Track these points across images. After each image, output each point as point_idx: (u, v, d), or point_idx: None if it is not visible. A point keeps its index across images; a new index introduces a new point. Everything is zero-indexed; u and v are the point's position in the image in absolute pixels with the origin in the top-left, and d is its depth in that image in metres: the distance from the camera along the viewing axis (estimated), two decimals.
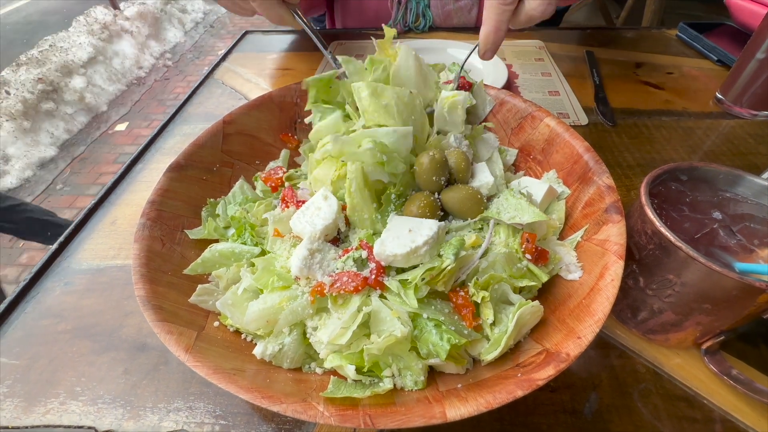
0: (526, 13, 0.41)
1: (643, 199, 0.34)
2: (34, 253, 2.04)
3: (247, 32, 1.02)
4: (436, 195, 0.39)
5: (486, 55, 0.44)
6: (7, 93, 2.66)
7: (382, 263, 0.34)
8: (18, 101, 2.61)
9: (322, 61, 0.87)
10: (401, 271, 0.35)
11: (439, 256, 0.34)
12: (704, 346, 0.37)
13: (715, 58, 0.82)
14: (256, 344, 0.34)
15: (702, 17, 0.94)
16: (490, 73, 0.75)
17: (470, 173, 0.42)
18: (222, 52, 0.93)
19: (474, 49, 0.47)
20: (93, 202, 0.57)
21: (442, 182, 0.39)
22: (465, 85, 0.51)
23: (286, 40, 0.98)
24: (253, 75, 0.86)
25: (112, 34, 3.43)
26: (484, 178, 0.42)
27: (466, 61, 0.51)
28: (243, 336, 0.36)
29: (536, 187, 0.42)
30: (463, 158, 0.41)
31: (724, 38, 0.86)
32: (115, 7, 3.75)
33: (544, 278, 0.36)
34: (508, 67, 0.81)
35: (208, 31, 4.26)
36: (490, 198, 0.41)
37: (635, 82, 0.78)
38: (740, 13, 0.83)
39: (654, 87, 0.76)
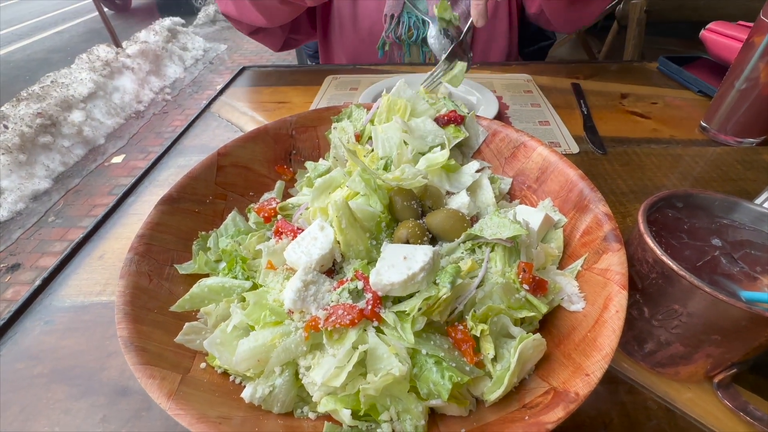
0: None
1: (642, 227, 0.34)
2: (20, 287, 1.97)
3: (244, 68, 1.05)
4: (422, 220, 0.40)
5: (479, 23, 0.58)
6: (5, 127, 2.68)
7: (379, 293, 0.33)
8: (15, 135, 2.63)
9: (317, 94, 0.89)
10: (397, 301, 0.33)
11: (435, 284, 0.33)
12: (716, 380, 0.35)
13: (696, 89, 0.86)
14: (245, 387, 0.32)
15: (679, 51, 0.99)
16: (481, 104, 0.77)
17: (443, 198, 0.44)
18: (220, 86, 0.95)
19: (469, 24, 0.60)
20: (81, 235, 0.55)
21: (414, 206, 0.41)
22: (457, 118, 0.52)
23: (282, 74, 1.01)
24: (249, 108, 0.87)
25: (114, 71, 3.53)
26: (460, 199, 0.43)
27: (465, 34, 0.63)
28: (231, 378, 0.33)
29: (532, 215, 0.41)
30: (435, 189, 0.44)
31: (703, 70, 0.90)
32: (118, 45, 3.89)
33: (544, 309, 0.34)
34: (499, 98, 0.84)
35: (207, 67, 4.40)
36: (476, 220, 0.42)
37: (622, 112, 0.80)
38: (715, 48, 0.87)
39: (640, 116, 0.79)
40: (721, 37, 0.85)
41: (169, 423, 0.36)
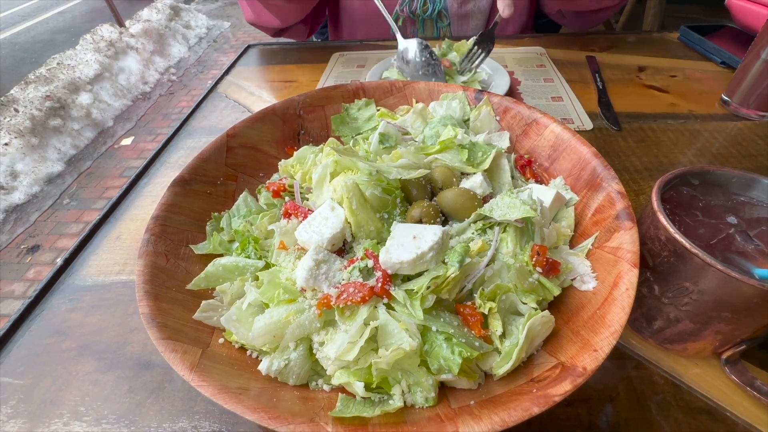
0: None
1: (655, 205, 0.33)
2: (41, 268, 2.05)
3: (249, 46, 1.03)
4: (435, 200, 0.40)
5: (505, 12, 0.59)
6: (16, 111, 2.71)
7: (389, 271, 0.33)
8: (26, 118, 2.66)
9: (324, 72, 0.87)
10: (407, 279, 0.34)
11: (444, 263, 0.33)
12: (724, 356, 0.36)
13: (719, 60, 0.82)
14: (261, 360, 0.34)
15: (702, 20, 0.93)
16: (493, 80, 0.75)
17: (453, 180, 0.43)
18: (225, 66, 0.94)
19: (496, 20, 0.63)
20: (98, 217, 0.57)
21: (423, 182, 0.41)
22: None
23: (288, 52, 0.99)
24: (256, 88, 0.86)
25: (118, 51, 3.49)
26: (474, 178, 0.43)
27: (494, 29, 0.64)
28: (248, 352, 0.35)
29: (544, 193, 0.41)
30: (446, 171, 0.43)
31: (727, 40, 0.85)
32: (121, 24, 3.83)
33: (556, 291, 0.35)
34: (510, 74, 0.81)
35: (211, 46, 4.33)
36: (489, 199, 0.41)
37: (639, 86, 0.77)
38: (742, 15, 0.83)
39: (658, 90, 0.76)
40: (749, 3, 0.80)
41: (190, 394, 0.38)
